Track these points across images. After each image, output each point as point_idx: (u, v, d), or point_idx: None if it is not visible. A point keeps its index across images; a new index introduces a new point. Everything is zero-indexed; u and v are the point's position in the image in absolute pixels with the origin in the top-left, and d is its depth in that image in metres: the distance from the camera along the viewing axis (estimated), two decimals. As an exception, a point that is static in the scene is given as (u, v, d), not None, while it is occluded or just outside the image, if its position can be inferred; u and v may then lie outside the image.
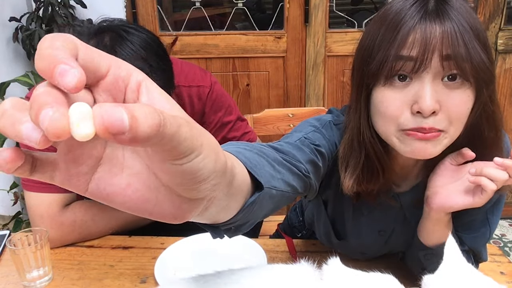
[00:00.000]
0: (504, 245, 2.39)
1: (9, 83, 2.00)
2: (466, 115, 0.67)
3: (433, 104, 0.63)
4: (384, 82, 0.67)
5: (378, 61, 0.66)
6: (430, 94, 0.63)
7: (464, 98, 0.65)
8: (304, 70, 2.32)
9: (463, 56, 0.62)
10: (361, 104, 0.73)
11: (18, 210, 2.02)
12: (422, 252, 0.82)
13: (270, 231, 1.42)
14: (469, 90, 0.66)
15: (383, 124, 0.70)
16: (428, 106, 0.63)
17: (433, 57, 0.63)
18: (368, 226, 0.86)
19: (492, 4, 2.21)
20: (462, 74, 0.64)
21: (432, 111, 0.64)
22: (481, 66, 0.63)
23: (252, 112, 1.58)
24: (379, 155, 0.75)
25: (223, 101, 1.25)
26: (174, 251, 1.02)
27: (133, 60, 0.94)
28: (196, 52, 2.26)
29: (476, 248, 0.85)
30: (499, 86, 2.36)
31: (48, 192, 1.08)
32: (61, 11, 2.06)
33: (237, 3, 2.27)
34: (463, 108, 0.66)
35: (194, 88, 1.21)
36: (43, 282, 0.93)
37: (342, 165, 0.78)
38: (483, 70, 0.64)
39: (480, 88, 0.66)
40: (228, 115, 1.26)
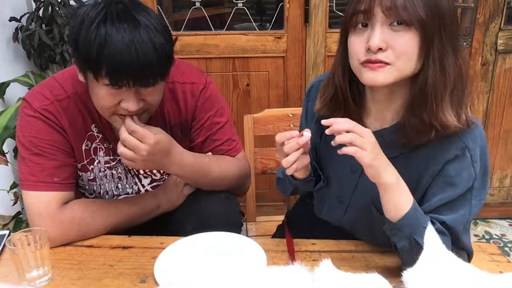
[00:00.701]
0: (504, 245, 2.39)
1: (9, 83, 2.00)
2: (411, 53, 0.84)
3: (379, 43, 0.83)
4: (352, 29, 0.88)
5: (347, 14, 0.88)
6: (377, 36, 0.83)
7: (407, 38, 0.83)
8: (304, 70, 2.32)
9: (400, 6, 0.81)
10: (341, 47, 0.94)
11: (18, 210, 2.02)
12: (387, 226, 0.89)
13: (270, 231, 1.42)
14: (413, 33, 0.83)
15: (351, 60, 0.90)
16: (375, 43, 0.83)
17: (377, 9, 0.82)
18: (341, 158, 0.89)
19: (492, 4, 2.21)
20: (403, 21, 0.82)
21: (378, 47, 0.83)
22: (418, 15, 0.81)
23: (252, 112, 1.58)
24: (343, 90, 0.95)
25: (216, 101, 1.25)
26: (174, 251, 1.02)
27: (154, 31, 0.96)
28: (196, 52, 2.26)
29: (455, 228, 0.89)
30: (499, 86, 2.36)
31: (46, 190, 1.08)
32: (61, 11, 2.06)
33: (237, 3, 2.27)
34: (406, 46, 0.83)
35: (188, 85, 1.21)
36: (42, 282, 0.93)
37: (321, 92, 1.01)
38: (422, 19, 0.81)
39: (428, 35, 0.82)
40: (219, 116, 1.24)
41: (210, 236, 1.07)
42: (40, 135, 1.09)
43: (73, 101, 1.12)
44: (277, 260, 1.00)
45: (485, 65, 2.32)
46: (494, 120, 2.43)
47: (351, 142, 0.82)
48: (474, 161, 0.89)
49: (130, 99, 1.00)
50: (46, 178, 1.09)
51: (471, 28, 2.24)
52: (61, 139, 1.12)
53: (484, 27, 2.25)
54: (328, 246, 1.07)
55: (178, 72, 1.20)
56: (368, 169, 0.84)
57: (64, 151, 1.13)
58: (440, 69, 0.85)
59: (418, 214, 0.87)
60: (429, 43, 0.83)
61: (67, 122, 1.11)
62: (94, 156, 1.18)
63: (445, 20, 0.83)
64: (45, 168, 1.09)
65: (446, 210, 0.90)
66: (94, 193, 1.24)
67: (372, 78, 0.86)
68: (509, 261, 1.01)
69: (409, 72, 0.86)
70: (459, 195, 0.89)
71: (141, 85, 0.99)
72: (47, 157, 1.09)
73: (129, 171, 1.24)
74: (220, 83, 2.33)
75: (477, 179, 0.90)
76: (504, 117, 2.42)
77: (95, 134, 1.16)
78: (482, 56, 2.30)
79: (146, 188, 1.27)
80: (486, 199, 2.57)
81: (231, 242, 1.05)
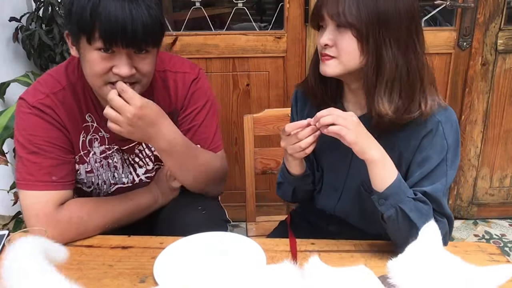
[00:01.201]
0: (504, 245, 2.39)
1: (9, 83, 2.00)
2: (350, 50, 0.97)
3: (325, 40, 0.98)
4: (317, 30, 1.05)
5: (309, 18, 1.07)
6: (325, 35, 0.99)
7: (346, 38, 0.97)
8: (304, 70, 2.32)
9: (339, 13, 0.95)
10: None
11: (18, 210, 2.02)
12: (375, 197, 0.98)
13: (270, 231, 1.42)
14: (351, 34, 0.96)
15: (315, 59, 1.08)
16: (322, 40, 0.99)
17: (325, 15, 0.98)
18: (333, 144, 1.02)
19: (492, 4, 2.21)
20: (341, 25, 0.96)
21: (325, 44, 0.99)
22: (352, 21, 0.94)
23: (252, 112, 1.58)
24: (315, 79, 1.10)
25: (206, 95, 1.25)
26: (173, 251, 1.02)
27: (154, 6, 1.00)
28: (196, 52, 2.26)
29: (436, 195, 0.99)
30: (499, 86, 2.36)
31: (44, 189, 1.08)
32: (61, 11, 2.06)
33: (237, 3, 2.27)
34: (346, 44, 0.97)
35: (180, 74, 1.22)
36: (42, 282, 0.93)
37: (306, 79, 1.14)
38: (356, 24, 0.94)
39: (364, 36, 0.95)
40: (207, 110, 1.24)
41: (210, 236, 1.07)
42: (37, 132, 1.09)
43: (69, 91, 1.13)
44: (276, 260, 1.00)
45: (485, 65, 2.32)
46: (494, 120, 2.43)
47: (333, 122, 0.94)
48: (446, 133, 1.00)
49: (122, 63, 1.00)
50: (43, 177, 1.08)
51: (471, 28, 2.25)
52: (59, 135, 1.12)
53: (484, 27, 2.25)
54: (328, 246, 1.07)
55: (170, 63, 1.22)
56: (354, 146, 0.94)
57: (61, 148, 1.12)
58: (376, 64, 0.96)
59: (402, 186, 0.97)
60: (364, 43, 0.96)
61: (64, 114, 1.12)
62: (90, 148, 1.19)
63: (388, 23, 0.94)
64: (42, 167, 1.08)
65: (426, 182, 1.00)
66: (92, 185, 1.24)
67: (323, 69, 1.02)
68: (509, 261, 1.01)
69: (354, 65, 0.99)
70: (435, 166, 1.00)
71: (133, 47, 1.00)
72: (44, 155, 1.09)
73: (125, 160, 1.25)
74: (220, 83, 2.33)
75: (450, 150, 1.00)
76: (504, 117, 2.42)
77: (89, 124, 1.17)
78: (482, 56, 2.30)
79: (140, 178, 1.27)
80: (486, 199, 2.58)
81: (231, 242, 1.05)
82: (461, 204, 2.61)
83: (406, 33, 0.96)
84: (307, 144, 0.99)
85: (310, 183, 1.18)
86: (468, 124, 2.43)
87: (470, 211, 2.62)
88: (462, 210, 2.62)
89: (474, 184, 2.56)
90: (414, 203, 0.96)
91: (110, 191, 1.26)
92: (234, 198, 2.43)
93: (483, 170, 2.53)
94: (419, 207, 0.96)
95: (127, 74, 1.01)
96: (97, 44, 0.98)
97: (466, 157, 2.49)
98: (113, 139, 1.20)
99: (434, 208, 0.99)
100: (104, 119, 1.07)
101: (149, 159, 1.26)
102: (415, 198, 0.97)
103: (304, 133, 0.99)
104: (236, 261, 0.99)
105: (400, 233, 0.97)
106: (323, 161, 1.18)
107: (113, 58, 1.00)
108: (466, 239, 2.44)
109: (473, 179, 2.55)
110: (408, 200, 0.96)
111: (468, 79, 2.34)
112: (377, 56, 0.96)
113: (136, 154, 1.25)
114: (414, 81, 0.98)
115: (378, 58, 0.96)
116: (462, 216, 2.63)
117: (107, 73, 1.02)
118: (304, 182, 1.17)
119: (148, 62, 1.05)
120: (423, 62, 0.99)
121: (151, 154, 1.26)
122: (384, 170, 0.96)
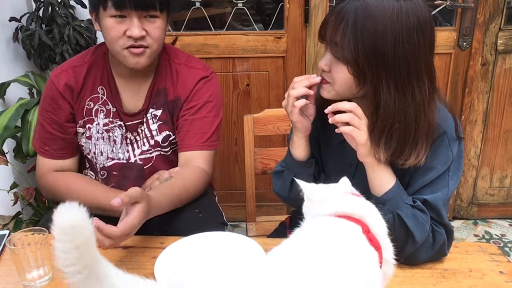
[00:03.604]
0: (504, 245, 2.39)
1: (9, 83, 2.00)
2: (344, 81, 0.95)
3: (322, 66, 0.98)
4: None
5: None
6: (324, 59, 0.98)
7: (338, 69, 0.95)
8: (304, 70, 2.32)
9: (336, 44, 0.93)
10: None
11: (18, 210, 2.02)
12: (373, 201, 0.92)
13: (270, 231, 1.42)
14: (344, 67, 0.93)
15: None
16: (320, 65, 0.99)
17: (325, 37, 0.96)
18: (338, 153, 1.09)
19: (492, 4, 2.21)
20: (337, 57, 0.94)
21: (322, 69, 0.99)
22: (347, 56, 0.91)
23: (252, 112, 1.58)
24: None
25: (214, 95, 1.34)
26: (174, 251, 1.02)
27: None
28: (196, 52, 2.26)
29: (436, 204, 0.97)
30: (499, 86, 2.36)
31: (40, 155, 1.33)
32: (61, 11, 2.06)
33: (237, 3, 2.27)
34: (339, 74, 0.95)
35: (193, 69, 1.34)
36: (43, 282, 0.93)
37: None
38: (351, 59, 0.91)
39: (361, 72, 0.92)
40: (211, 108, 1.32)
41: (210, 236, 1.07)
42: (45, 105, 1.30)
43: (88, 65, 1.30)
44: (277, 260, 1.00)
45: (485, 65, 2.32)
46: (494, 120, 2.43)
47: (349, 121, 0.93)
48: (452, 145, 0.99)
49: (133, 25, 1.15)
50: (41, 145, 1.32)
51: (471, 28, 2.25)
52: (62, 111, 1.29)
53: (484, 27, 2.25)
54: (328, 246, 1.07)
55: (187, 60, 1.36)
56: (361, 147, 0.94)
57: (60, 126, 1.30)
58: (374, 104, 0.94)
59: (401, 192, 0.97)
60: (361, 79, 0.93)
61: (77, 83, 1.28)
62: (94, 118, 1.31)
63: (385, 64, 0.90)
64: (41, 136, 1.32)
65: (427, 190, 0.99)
66: (90, 153, 1.35)
67: (320, 91, 1.02)
68: (509, 261, 1.01)
69: (348, 95, 0.99)
70: (438, 176, 0.98)
71: (141, 9, 1.15)
72: (44, 128, 1.31)
73: (125, 138, 1.34)
74: (220, 83, 2.32)
75: (453, 162, 0.99)
76: (504, 117, 2.42)
77: (99, 96, 1.31)
78: (482, 56, 2.30)
79: (136, 159, 1.34)
80: (486, 199, 2.59)
81: (231, 242, 1.05)
82: (461, 204, 2.61)
83: (404, 75, 0.91)
84: (297, 93, 1.00)
85: (311, 174, 1.14)
86: (468, 124, 2.43)
87: (470, 211, 2.62)
88: (462, 210, 2.62)
89: (474, 184, 2.57)
90: (412, 210, 0.95)
91: (106, 165, 1.35)
92: (234, 198, 2.44)
93: (483, 170, 2.53)
94: (416, 215, 0.95)
95: (138, 35, 1.16)
96: (111, 11, 1.15)
97: (466, 157, 2.49)
98: (118, 114, 1.31)
99: (432, 217, 0.98)
100: (115, 94, 1.30)
101: (147, 139, 1.34)
102: (413, 206, 0.96)
103: (298, 83, 1.00)
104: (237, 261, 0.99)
105: (397, 241, 0.91)
106: (329, 167, 1.17)
107: (125, 22, 1.16)
108: (466, 239, 2.44)
109: (473, 179, 2.56)
110: (406, 206, 0.95)
111: (468, 79, 2.34)
112: (375, 94, 0.94)
113: (138, 133, 1.34)
114: (410, 127, 0.94)
115: (376, 97, 0.93)
116: (462, 216, 2.63)
117: (122, 37, 1.17)
118: (306, 171, 1.13)
119: (157, 27, 1.20)
120: (424, 108, 0.94)
121: (150, 135, 1.33)
122: (383, 174, 0.96)
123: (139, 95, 1.32)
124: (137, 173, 1.34)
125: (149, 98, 1.31)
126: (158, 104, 1.32)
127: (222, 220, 1.32)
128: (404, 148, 0.95)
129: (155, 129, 1.32)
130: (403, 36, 0.89)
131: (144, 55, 1.20)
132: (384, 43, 0.88)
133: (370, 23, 0.88)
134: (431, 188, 0.98)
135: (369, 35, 0.88)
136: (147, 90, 1.31)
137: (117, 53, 1.21)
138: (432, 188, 0.98)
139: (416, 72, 0.92)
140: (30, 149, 1.87)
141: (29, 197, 1.84)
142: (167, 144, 1.34)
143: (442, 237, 0.98)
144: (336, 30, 0.92)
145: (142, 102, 1.32)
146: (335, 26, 0.92)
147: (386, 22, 0.88)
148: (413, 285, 0.94)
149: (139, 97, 1.32)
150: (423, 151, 0.95)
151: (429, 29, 0.92)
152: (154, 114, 1.32)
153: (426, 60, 0.93)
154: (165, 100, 1.32)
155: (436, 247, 0.97)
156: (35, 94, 2.11)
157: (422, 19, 0.90)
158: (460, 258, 1.02)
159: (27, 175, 1.99)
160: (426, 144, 0.96)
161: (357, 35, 0.89)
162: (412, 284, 0.94)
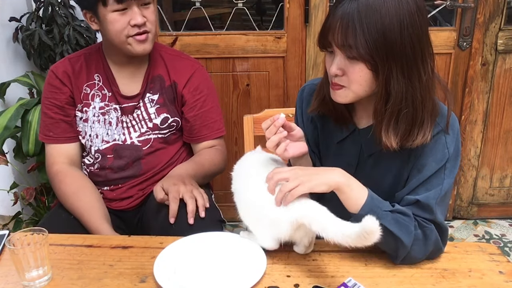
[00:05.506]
0: (504, 245, 2.39)
1: (9, 83, 2.00)
2: (361, 80, 0.95)
3: (335, 70, 0.97)
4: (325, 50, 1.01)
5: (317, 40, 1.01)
6: (335, 65, 0.97)
7: (357, 69, 0.94)
8: (304, 70, 2.32)
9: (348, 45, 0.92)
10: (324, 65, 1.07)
11: (18, 210, 2.02)
12: (353, 219, 0.93)
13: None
14: (362, 64, 0.93)
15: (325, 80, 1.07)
16: (331, 71, 0.98)
17: (333, 44, 0.96)
18: (338, 153, 1.10)
19: (492, 4, 2.21)
20: (353, 57, 0.93)
21: (335, 74, 0.97)
22: (361, 53, 0.91)
23: (252, 112, 1.58)
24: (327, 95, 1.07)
25: (209, 83, 1.49)
26: (173, 251, 1.02)
27: None
28: (196, 52, 2.26)
29: (429, 203, 0.98)
30: (499, 86, 2.36)
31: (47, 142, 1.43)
32: (61, 11, 2.07)
33: (237, 3, 2.27)
34: (356, 75, 0.95)
35: (178, 58, 1.46)
36: (42, 282, 0.93)
37: (315, 95, 1.13)
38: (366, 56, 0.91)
39: (376, 65, 0.92)
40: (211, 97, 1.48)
41: (210, 236, 1.07)
42: (46, 93, 1.40)
43: (84, 57, 1.42)
44: (277, 260, 1.00)
45: (485, 65, 2.32)
46: (494, 120, 2.43)
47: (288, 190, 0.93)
48: (448, 142, 1.00)
49: (136, 15, 1.27)
50: (45, 133, 1.42)
51: (471, 28, 2.25)
52: (62, 94, 1.39)
53: (484, 27, 2.25)
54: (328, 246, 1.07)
55: (177, 52, 1.50)
56: (316, 188, 0.93)
57: (61, 108, 1.40)
58: (384, 93, 0.95)
59: (376, 201, 0.96)
60: (377, 73, 0.94)
61: (73, 71, 1.40)
62: (91, 102, 1.41)
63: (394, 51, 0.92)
64: (45, 124, 1.41)
65: (421, 188, 0.99)
66: (86, 136, 1.43)
67: (334, 97, 1.02)
68: (509, 261, 1.01)
69: (365, 93, 0.99)
70: (432, 174, 0.99)
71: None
72: (46, 115, 1.41)
73: (121, 121, 1.42)
74: (220, 83, 2.33)
75: (450, 160, 0.99)
76: (504, 117, 2.42)
77: (95, 82, 1.41)
78: (482, 56, 2.30)
79: (132, 141, 1.43)
80: (486, 199, 2.58)
81: (231, 242, 1.05)
82: (461, 204, 2.61)
83: (411, 59, 0.94)
84: (273, 143, 1.01)
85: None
86: (468, 124, 2.43)
87: (470, 211, 2.63)
88: (462, 210, 2.62)
89: (474, 184, 2.57)
90: (392, 216, 0.95)
91: (101, 147, 1.43)
92: (234, 198, 2.43)
93: (483, 170, 2.53)
94: (398, 219, 0.95)
95: (141, 22, 1.28)
96: (112, 6, 1.25)
97: (466, 157, 2.49)
98: (115, 97, 1.41)
99: (425, 217, 0.98)
100: (111, 80, 1.41)
101: (144, 122, 1.42)
102: (393, 211, 0.96)
103: (268, 132, 1.03)
104: (237, 261, 0.99)
105: (388, 247, 0.97)
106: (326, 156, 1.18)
107: (127, 13, 1.27)
108: (466, 239, 2.44)
109: (473, 179, 2.56)
110: (386, 214, 0.95)
111: (468, 79, 2.34)
112: (385, 85, 0.95)
113: (134, 117, 1.42)
114: (417, 109, 0.96)
115: (387, 87, 0.95)
116: (462, 216, 2.63)
117: (126, 27, 1.28)
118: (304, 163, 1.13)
119: (151, 11, 1.32)
120: (429, 88, 0.97)
121: (148, 118, 1.42)
122: (352, 191, 0.95)
123: (135, 80, 1.42)
124: (135, 153, 1.42)
125: (145, 84, 1.42)
126: (154, 90, 1.42)
127: (219, 218, 1.33)
128: (413, 130, 0.97)
129: (153, 112, 1.42)
130: (407, 22, 0.91)
131: (147, 41, 1.32)
132: (392, 32, 0.91)
133: (375, 17, 0.90)
134: (426, 186, 0.99)
135: (378, 29, 0.91)
136: (143, 77, 1.42)
137: (122, 43, 1.31)
138: (426, 186, 0.99)
139: (421, 53, 0.94)
140: (30, 149, 1.87)
141: (29, 197, 1.84)
142: (165, 126, 1.43)
143: (433, 232, 0.98)
144: (346, 33, 0.92)
145: (139, 88, 1.42)
146: (344, 30, 0.92)
147: (390, 12, 0.90)
148: (412, 285, 0.94)
149: (134, 82, 1.42)
150: (428, 129, 0.97)
151: (424, 8, 0.95)
152: (151, 99, 1.42)
153: (427, 38, 0.96)
154: (161, 85, 1.42)
155: (429, 243, 0.97)
156: (35, 94, 2.11)
157: (418, 1, 0.93)
158: (460, 258, 1.02)
159: (27, 175, 2.00)
160: (431, 122, 0.98)
161: (367, 31, 0.91)
162: (411, 284, 0.94)
